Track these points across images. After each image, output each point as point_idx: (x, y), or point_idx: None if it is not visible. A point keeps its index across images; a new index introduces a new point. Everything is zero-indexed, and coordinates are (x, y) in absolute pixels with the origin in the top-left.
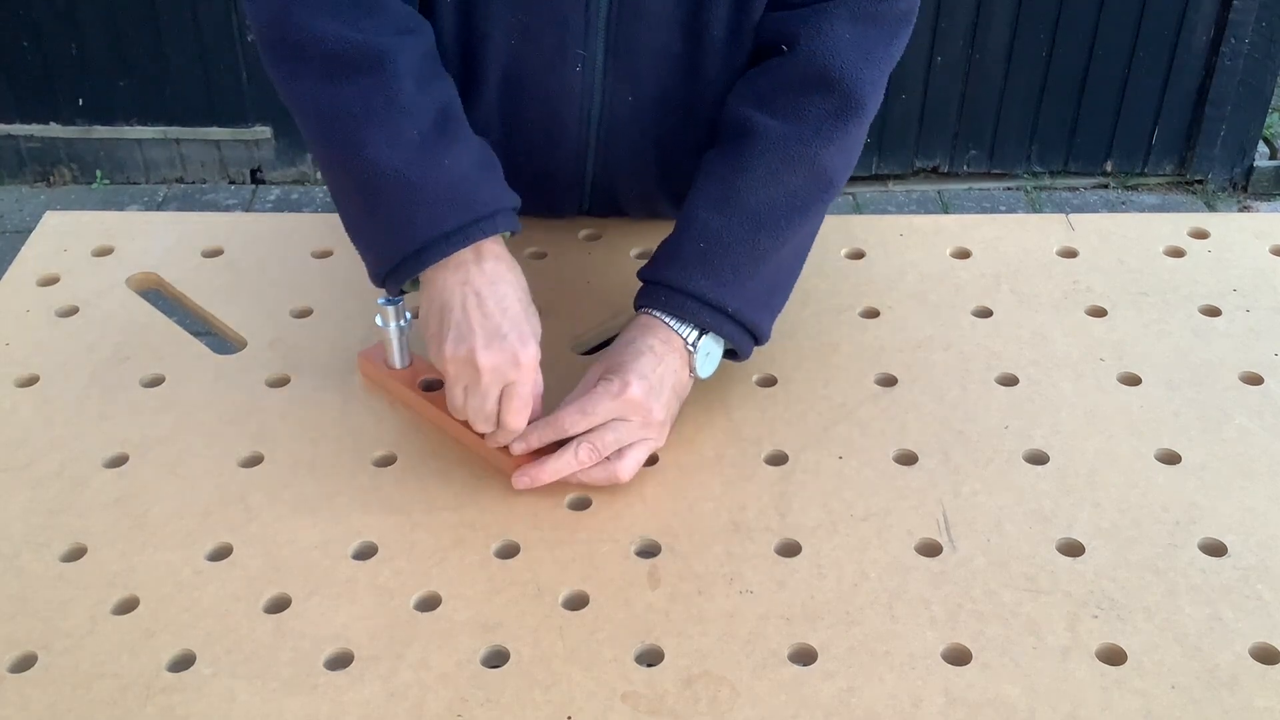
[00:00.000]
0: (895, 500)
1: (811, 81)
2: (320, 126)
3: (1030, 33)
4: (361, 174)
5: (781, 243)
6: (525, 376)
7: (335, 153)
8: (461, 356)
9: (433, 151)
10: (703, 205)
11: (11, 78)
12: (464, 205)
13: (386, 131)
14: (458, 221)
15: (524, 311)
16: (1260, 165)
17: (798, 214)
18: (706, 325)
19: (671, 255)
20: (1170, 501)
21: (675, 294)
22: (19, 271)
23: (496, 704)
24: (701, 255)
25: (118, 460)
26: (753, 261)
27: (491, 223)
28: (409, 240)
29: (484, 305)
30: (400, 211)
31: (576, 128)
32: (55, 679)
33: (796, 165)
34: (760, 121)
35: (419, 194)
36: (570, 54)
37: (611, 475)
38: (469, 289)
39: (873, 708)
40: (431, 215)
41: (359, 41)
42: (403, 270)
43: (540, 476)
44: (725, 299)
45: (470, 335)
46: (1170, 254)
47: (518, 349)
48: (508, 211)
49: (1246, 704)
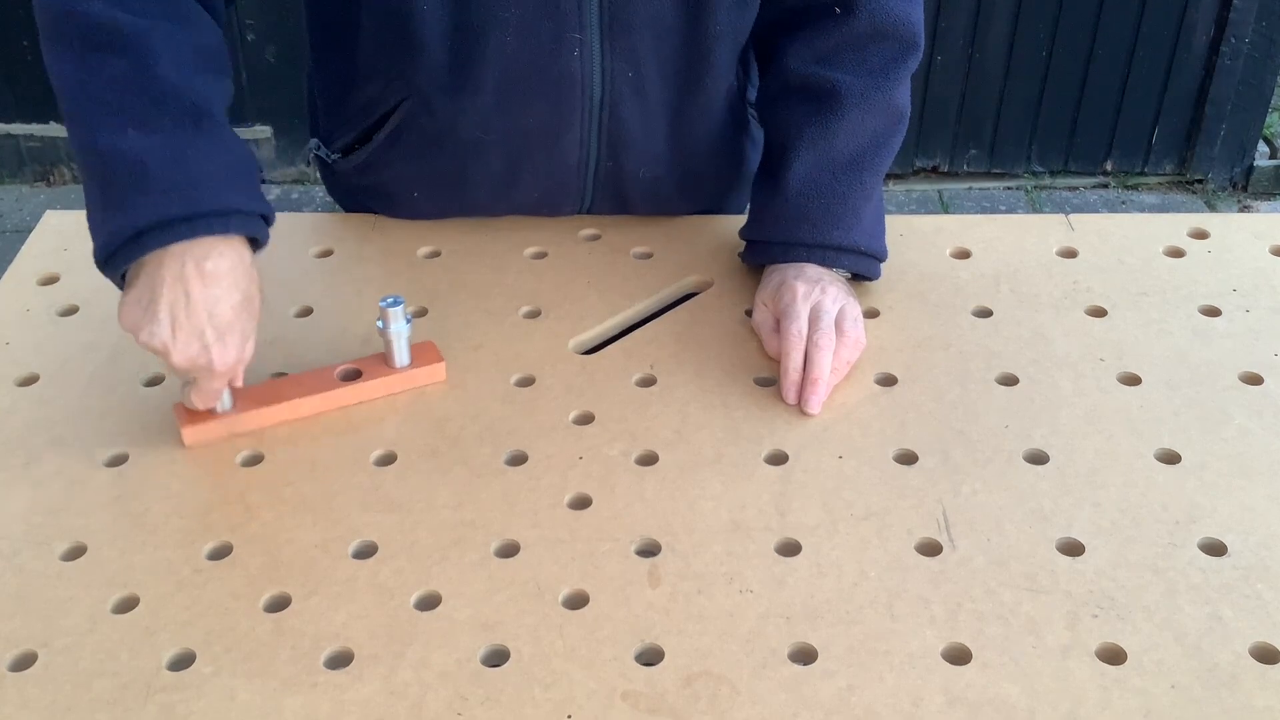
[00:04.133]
0: (895, 499)
1: (871, 34)
2: (72, 104)
3: (1030, 32)
4: (101, 155)
5: (879, 177)
6: (217, 378)
7: (81, 132)
8: (154, 348)
9: (177, 143)
10: (809, 165)
11: (11, 77)
12: (194, 199)
13: (133, 116)
14: (183, 212)
15: (234, 318)
16: (1260, 165)
17: (885, 149)
18: (845, 266)
19: (799, 216)
20: (1170, 501)
21: (815, 249)
22: (19, 271)
23: (496, 703)
24: (824, 209)
25: (118, 459)
26: (864, 200)
27: (223, 221)
28: (130, 224)
29: (191, 305)
30: (130, 195)
31: (579, 114)
32: (55, 677)
33: (876, 110)
34: (836, 79)
35: (150, 180)
36: (567, 40)
37: (855, 343)
38: (180, 286)
39: (872, 707)
40: (159, 202)
41: (121, 21)
42: (121, 254)
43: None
44: (855, 240)
45: (166, 333)
46: (1170, 254)
47: (214, 355)
48: (248, 216)
49: (1246, 703)
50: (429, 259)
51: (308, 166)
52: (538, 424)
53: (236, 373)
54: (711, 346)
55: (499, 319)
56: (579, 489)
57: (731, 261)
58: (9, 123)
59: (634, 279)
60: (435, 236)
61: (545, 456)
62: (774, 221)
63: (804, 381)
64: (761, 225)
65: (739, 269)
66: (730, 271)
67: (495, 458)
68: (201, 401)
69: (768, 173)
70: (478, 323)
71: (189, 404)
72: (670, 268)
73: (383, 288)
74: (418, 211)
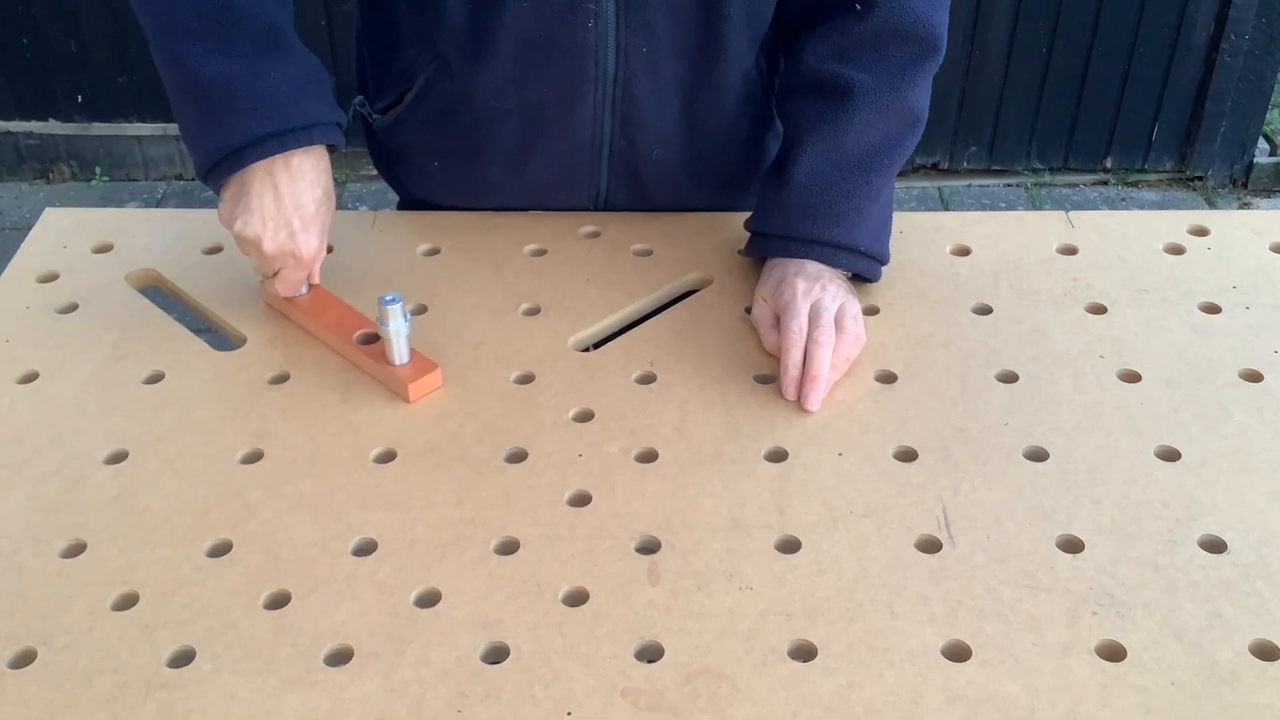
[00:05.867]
0: (895, 497)
1: (890, 34)
2: (158, 34)
3: (1030, 29)
4: (188, 80)
5: (888, 179)
6: (303, 267)
7: (170, 59)
8: (248, 238)
9: (260, 64)
10: (816, 162)
11: (10, 74)
12: (283, 115)
13: (219, 42)
14: (274, 129)
15: (314, 211)
16: (1260, 161)
17: (897, 151)
18: (845, 265)
19: (801, 211)
20: (1170, 498)
21: (814, 246)
22: (18, 268)
23: (497, 700)
24: (828, 206)
25: (117, 456)
26: (870, 201)
27: (308, 134)
28: (226, 142)
29: (280, 199)
30: (223, 116)
31: (593, 88)
32: (55, 675)
33: (890, 112)
34: (850, 77)
35: (240, 101)
36: (581, 10)
37: (855, 340)
38: (269, 179)
39: (872, 704)
40: (250, 121)
41: None
42: (221, 168)
43: (816, 386)
44: (857, 240)
45: (259, 223)
46: (1170, 251)
47: (300, 245)
48: (328, 126)
49: (1246, 700)
50: (428, 256)
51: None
52: (537, 421)
53: (317, 263)
54: (711, 344)
55: (499, 316)
56: (579, 486)
57: (731, 259)
58: (8, 119)
59: (634, 276)
60: (435, 234)
61: (545, 454)
62: (777, 215)
63: (803, 378)
64: (765, 218)
65: (739, 266)
66: (730, 269)
67: (495, 455)
68: (285, 289)
69: (776, 166)
70: (477, 320)
71: (271, 292)
72: (670, 265)
73: (382, 285)
74: (435, 185)
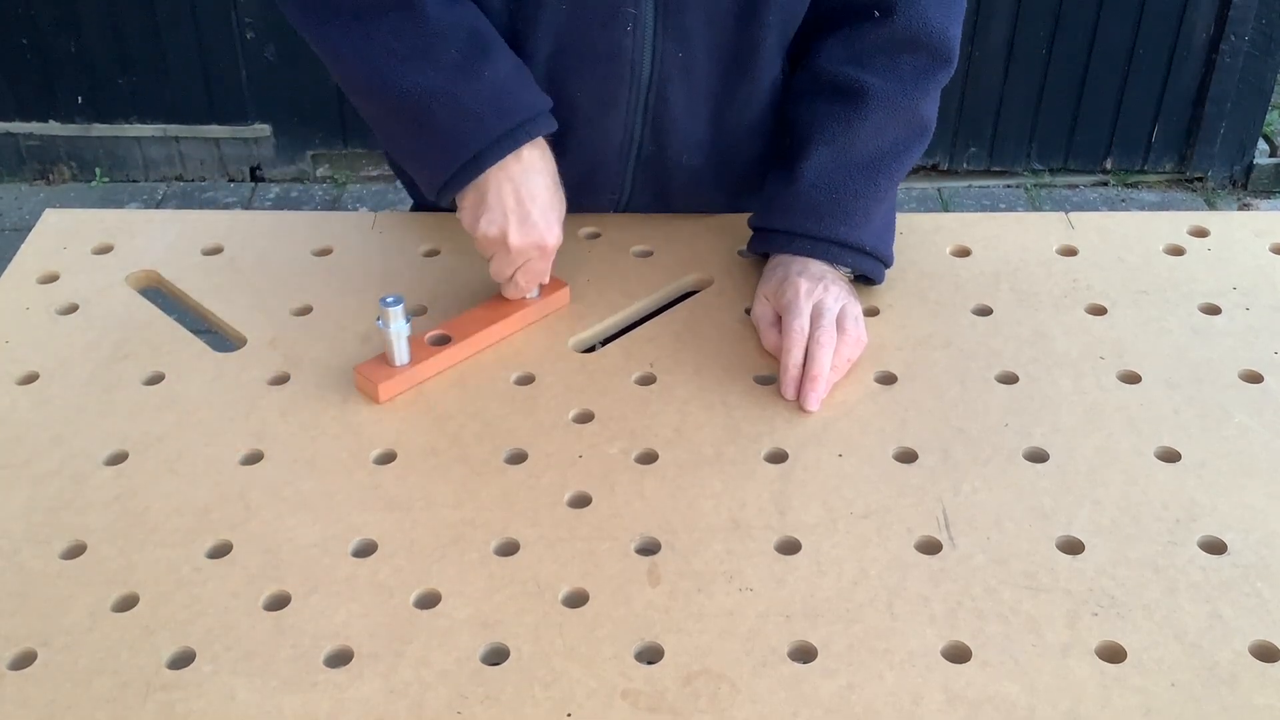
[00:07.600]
0: (895, 498)
1: (906, 42)
2: (359, 64)
3: (1030, 30)
4: (407, 100)
5: (894, 184)
6: (546, 256)
7: (377, 85)
8: (493, 236)
9: (471, 67)
10: (826, 161)
11: (11, 75)
12: (508, 112)
13: (426, 58)
14: (505, 127)
15: (550, 200)
16: (1260, 163)
17: (904, 157)
18: (850, 264)
19: (809, 208)
20: (1170, 499)
21: (819, 243)
22: (18, 269)
23: (496, 701)
24: (835, 205)
25: (118, 458)
26: (876, 203)
27: (535, 125)
28: (461, 151)
29: (518, 193)
30: (451, 127)
31: (627, 91)
32: (55, 676)
33: (901, 118)
34: (865, 80)
35: (464, 108)
36: (621, 14)
37: (856, 342)
38: (505, 175)
39: (872, 705)
40: (479, 126)
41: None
42: (458, 179)
43: (816, 386)
44: (863, 240)
45: (503, 219)
46: (1170, 252)
47: (544, 234)
48: (546, 114)
49: (1246, 701)
50: (428, 257)
51: None
52: (537, 422)
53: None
54: (711, 345)
55: None
56: (579, 487)
57: (732, 260)
58: (8, 120)
59: (634, 277)
60: (435, 235)
61: (545, 455)
62: (783, 211)
63: (803, 378)
64: (771, 214)
65: (739, 267)
66: (730, 270)
67: (495, 456)
68: (528, 284)
69: (784, 163)
70: None
71: (510, 294)
72: (670, 266)
73: (382, 286)
74: None
